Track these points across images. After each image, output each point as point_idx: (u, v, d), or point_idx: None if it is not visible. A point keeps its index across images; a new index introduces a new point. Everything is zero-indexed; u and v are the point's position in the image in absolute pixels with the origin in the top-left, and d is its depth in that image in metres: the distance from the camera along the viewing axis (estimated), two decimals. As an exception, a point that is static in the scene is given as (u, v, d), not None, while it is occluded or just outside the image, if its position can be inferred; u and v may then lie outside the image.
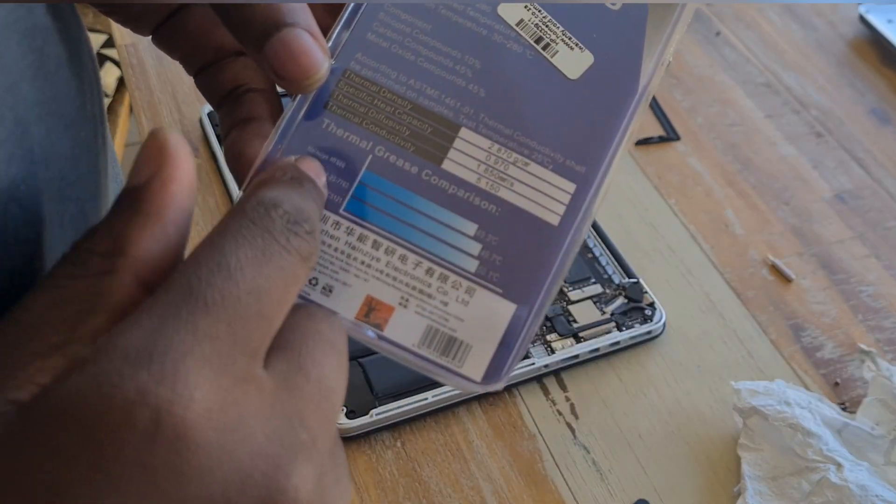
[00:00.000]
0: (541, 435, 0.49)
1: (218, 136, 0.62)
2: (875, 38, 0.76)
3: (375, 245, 0.27)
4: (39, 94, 0.24)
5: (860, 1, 0.77)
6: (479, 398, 0.50)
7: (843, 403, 0.51)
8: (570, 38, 0.29)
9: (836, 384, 0.52)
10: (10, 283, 0.23)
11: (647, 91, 0.29)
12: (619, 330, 0.53)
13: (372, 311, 0.27)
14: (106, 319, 0.20)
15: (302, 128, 0.28)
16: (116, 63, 1.29)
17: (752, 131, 0.68)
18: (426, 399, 0.48)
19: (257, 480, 0.19)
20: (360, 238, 0.27)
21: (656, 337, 0.54)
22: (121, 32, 0.70)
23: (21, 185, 0.23)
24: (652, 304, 0.54)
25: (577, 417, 0.50)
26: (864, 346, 0.52)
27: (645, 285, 0.55)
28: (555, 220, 0.28)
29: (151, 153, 0.21)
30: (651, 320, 0.53)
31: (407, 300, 0.27)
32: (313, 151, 0.28)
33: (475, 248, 0.27)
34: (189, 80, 0.67)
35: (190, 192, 0.22)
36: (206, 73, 0.32)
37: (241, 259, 0.21)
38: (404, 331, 0.27)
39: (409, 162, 0.28)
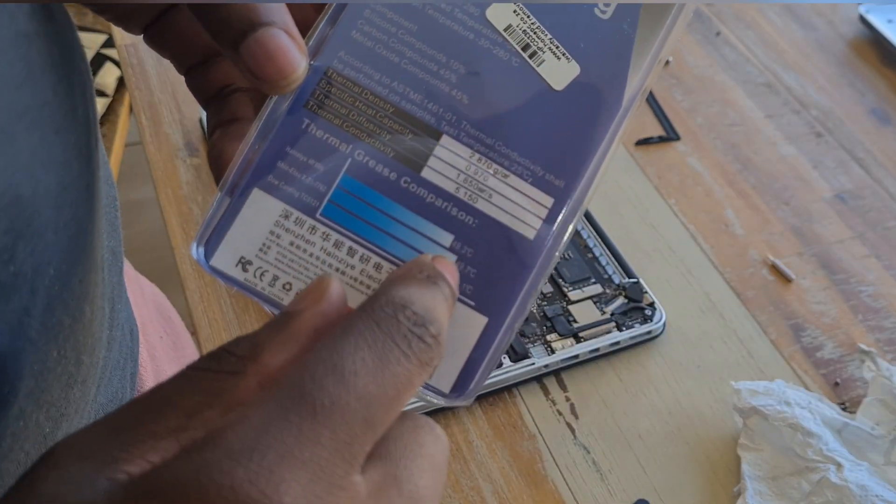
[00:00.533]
0: (541, 435, 0.49)
1: (218, 136, 0.62)
2: (875, 38, 0.76)
3: (350, 252, 0.27)
4: (28, 102, 0.24)
5: (860, 1, 0.77)
6: (480, 398, 0.50)
7: (843, 403, 0.51)
8: (557, 47, 0.28)
9: (836, 384, 0.52)
10: None
11: (634, 104, 0.28)
12: (619, 330, 0.53)
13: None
14: (220, 413, 0.21)
15: (281, 127, 0.27)
16: (116, 63, 1.29)
17: (752, 131, 0.68)
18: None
19: None
20: (336, 244, 0.27)
21: (656, 337, 0.54)
22: (121, 33, 0.70)
23: (6, 193, 0.23)
24: (652, 304, 0.54)
25: (577, 417, 0.50)
26: (864, 346, 0.52)
27: (645, 285, 0.55)
28: (531, 234, 0.27)
29: (316, 291, 0.24)
30: (651, 320, 0.53)
31: None
32: (292, 152, 0.27)
33: (450, 258, 0.27)
34: (189, 80, 0.67)
35: (333, 327, 0.23)
36: (195, 73, 0.32)
37: (357, 363, 0.21)
38: None
39: (389, 168, 0.27)
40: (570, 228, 0.28)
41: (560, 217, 0.28)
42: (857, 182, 0.65)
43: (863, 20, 0.76)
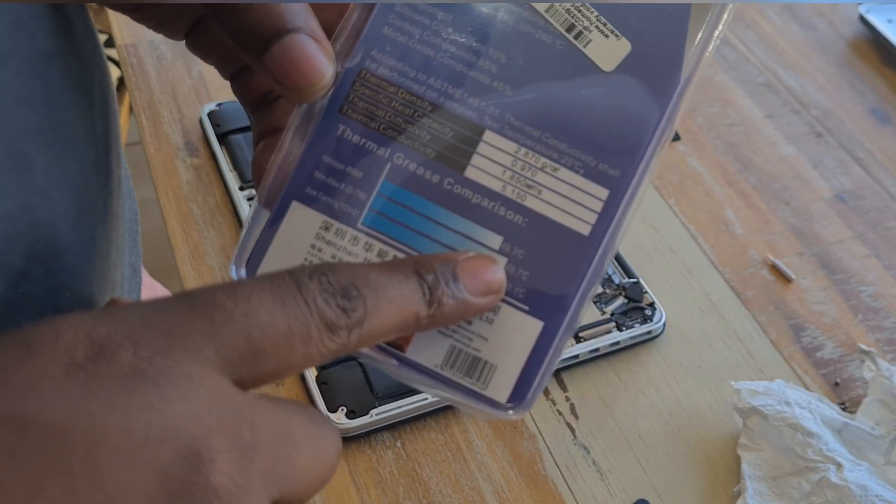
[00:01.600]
0: (541, 435, 0.49)
1: (217, 136, 0.62)
2: (875, 38, 0.76)
3: None
4: (44, 122, 0.23)
5: (860, 1, 0.77)
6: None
7: (843, 403, 0.51)
8: (604, 25, 0.26)
9: (836, 384, 0.52)
10: (12, 316, 0.23)
11: (691, 81, 0.26)
12: (619, 330, 0.53)
13: None
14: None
15: (315, 135, 0.26)
16: (116, 63, 1.29)
17: (752, 131, 0.68)
18: (426, 399, 0.48)
19: (181, 438, 0.19)
20: (380, 254, 0.25)
21: (656, 337, 0.54)
22: (120, 32, 0.70)
23: (19, 218, 0.22)
24: (652, 304, 0.54)
25: (577, 417, 0.50)
26: (864, 346, 0.52)
27: (645, 285, 0.55)
28: (585, 230, 0.26)
29: None
30: (651, 320, 0.53)
31: None
32: (328, 161, 0.26)
33: (500, 262, 0.26)
34: (189, 81, 0.67)
35: None
36: (239, 79, 0.31)
37: (254, 289, 0.21)
38: (426, 351, 0.25)
39: (430, 170, 0.26)
40: (628, 221, 0.26)
41: (617, 210, 0.26)
42: (857, 182, 0.65)
43: (863, 20, 0.76)
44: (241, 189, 0.59)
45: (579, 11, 0.26)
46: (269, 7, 0.24)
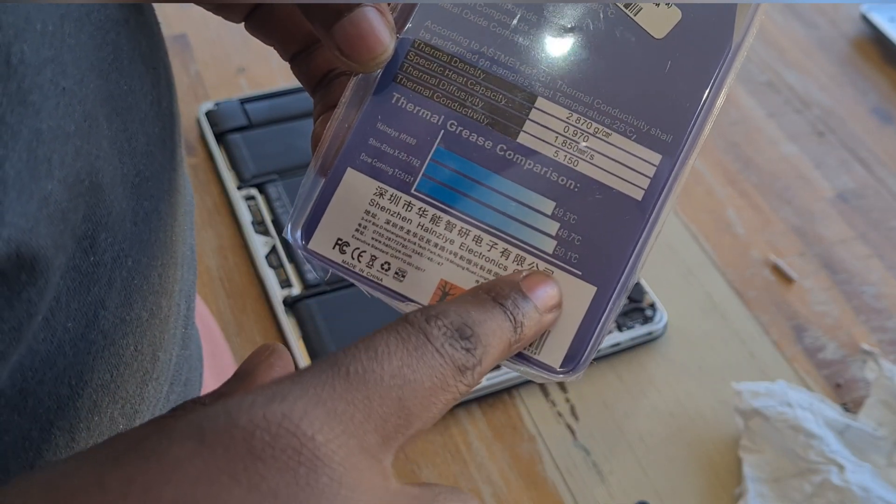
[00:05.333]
0: (541, 436, 0.49)
1: (215, 136, 0.62)
2: (877, 37, 0.75)
3: (449, 226, 0.26)
4: (113, 89, 0.24)
5: (862, 0, 0.77)
6: (479, 399, 0.50)
7: (845, 404, 0.51)
8: None
9: (839, 385, 0.52)
10: (66, 277, 0.23)
11: (742, 46, 0.26)
12: (620, 331, 0.52)
13: (446, 295, 0.26)
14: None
15: (371, 104, 0.26)
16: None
17: (753, 130, 0.68)
18: (425, 400, 0.48)
19: None
20: (434, 219, 0.26)
21: (657, 338, 0.53)
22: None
23: (86, 179, 0.23)
24: (653, 305, 0.54)
25: (577, 419, 0.50)
26: (866, 347, 0.52)
27: (646, 285, 0.55)
28: (638, 195, 0.26)
29: (262, 351, 0.24)
30: (652, 321, 0.53)
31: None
32: (383, 128, 0.26)
33: (553, 227, 0.26)
34: (186, 80, 0.67)
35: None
36: (299, 60, 0.31)
37: (390, 346, 0.21)
38: None
39: (483, 136, 0.26)
40: (680, 185, 0.26)
41: (670, 174, 0.26)
42: (860, 182, 0.65)
43: (864, 19, 0.76)
44: (239, 189, 0.58)
45: None
46: None
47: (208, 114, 0.63)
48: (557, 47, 0.27)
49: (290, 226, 0.26)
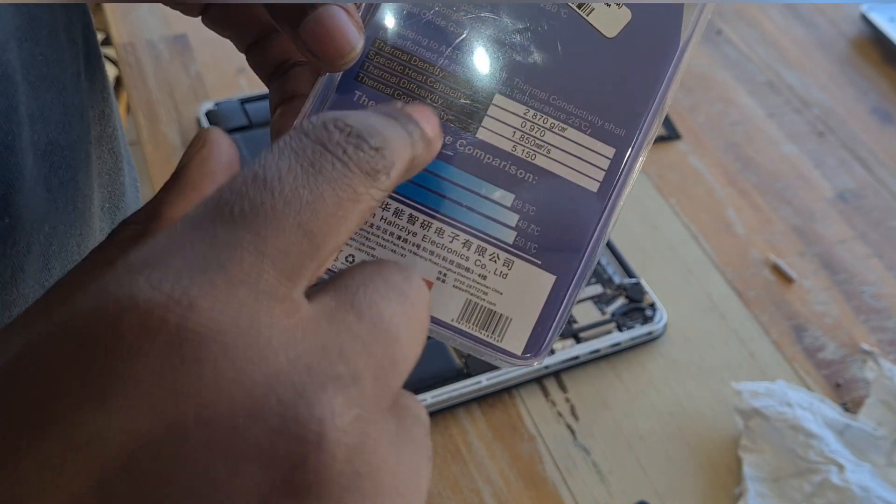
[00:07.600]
0: (541, 436, 0.49)
1: (216, 136, 0.62)
2: (877, 37, 0.75)
3: (411, 219, 0.27)
4: (29, 56, 0.24)
5: (862, 0, 0.77)
6: (479, 399, 0.50)
7: (845, 404, 0.51)
8: None
9: (838, 385, 0.52)
10: None
11: (689, 44, 0.28)
12: (620, 330, 0.52)
13: None
14: None
15: (334, 102, 0.27)
16: (114, 62, 1.29)
17: (753, 130, 0.68)
18: (425, 400, 0.48)
19: (271, 406, 0.16)
20: (396, 213, 0.27)
21: (657, 337, 0.53)
22: (118, 31, 0.70)
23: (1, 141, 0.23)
24: (652, 305, 0.54)
25: (577, 419, 0.50)
26: (866, 347, 0.52)
27: (646, 285, 0.55)
28: (594, 187, 0.27)
29: (195, 143, 0.22)
30: (652, 321, 0.53)
31: (445, 275, 0.26)
32: None
33: (512, 218, 0.27)
34: (186, 80, 0.67)
35: (228, 167, 0.22)
36: (254, 50, 0.32)
37: (281, 168, 0.18)
38: (443, 306, 0.26)
39: (444, 132, 0.27)
40: (633, 177, 0.27)
41: (623, 167, 0.27)
42: (859, 181, 0.65)
43: (864, 19, 0.76)
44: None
45: None
46: None
47: (208, 114, 0.63)
48: (514, 47, 0.28)
49: None
